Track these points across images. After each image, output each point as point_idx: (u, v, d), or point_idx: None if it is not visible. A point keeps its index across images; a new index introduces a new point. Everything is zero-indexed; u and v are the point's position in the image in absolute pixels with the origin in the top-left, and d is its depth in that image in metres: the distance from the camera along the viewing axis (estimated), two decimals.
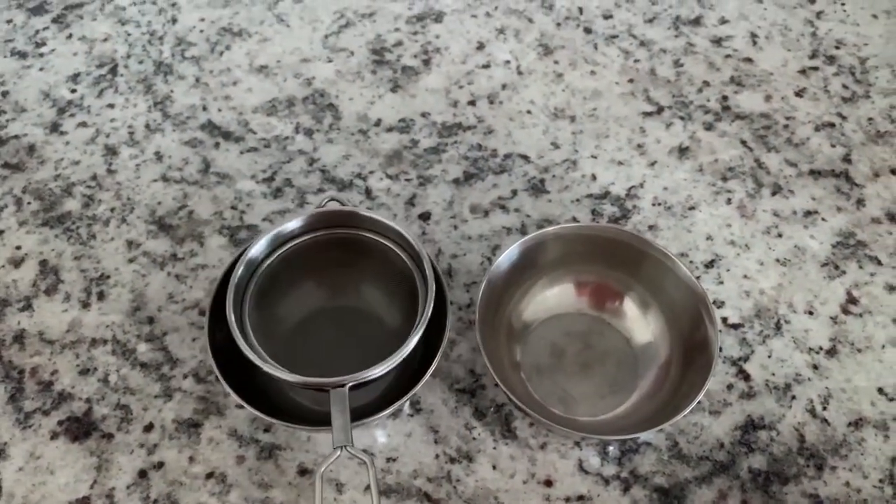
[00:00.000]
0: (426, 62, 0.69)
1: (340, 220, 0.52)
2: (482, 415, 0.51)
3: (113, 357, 0.54)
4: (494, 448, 0.50)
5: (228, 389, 0.46)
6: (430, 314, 0.47)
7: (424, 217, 0.60)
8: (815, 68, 0.69)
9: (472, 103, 0.67)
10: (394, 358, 0.45)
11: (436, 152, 0.63)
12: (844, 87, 0.68)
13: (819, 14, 0.73)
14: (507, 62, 0.70)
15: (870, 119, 0.65)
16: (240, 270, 0.48)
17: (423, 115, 0.66)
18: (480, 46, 0.71)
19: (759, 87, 0.68)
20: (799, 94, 0.67)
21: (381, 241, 0.52)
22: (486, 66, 0.69)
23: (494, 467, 0.49)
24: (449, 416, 0.51)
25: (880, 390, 0.52)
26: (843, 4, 0.74)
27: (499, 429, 0.51)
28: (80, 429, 0.51)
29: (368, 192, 0.61)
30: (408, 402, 0.52)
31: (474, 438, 0.50)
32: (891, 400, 0.52)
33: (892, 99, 0.67)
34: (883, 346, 0.54)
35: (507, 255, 0.52)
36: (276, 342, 0.50)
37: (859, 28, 0.72)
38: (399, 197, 0.61)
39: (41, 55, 0.71)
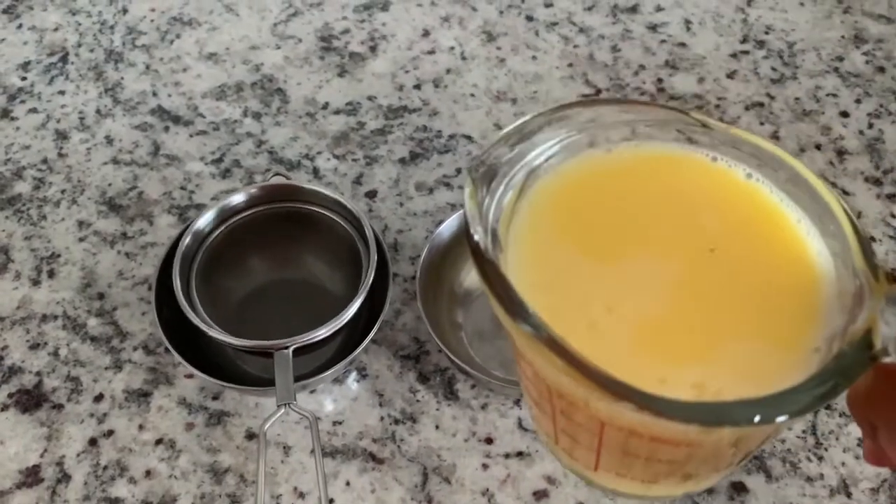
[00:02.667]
0: (373, 49, 0.71)
1: (285, 194, 0.54)
2: (426, 379, 0.53)
3: (63, 332, 0.54)
4: (437, 409, 0.52)
5: (178, 357, 0.47)
6: (372, 278, 0.49)
7: (371, 195, 0.62)
8: (746, 52, 0.72)
9: (417, 87, 0.69)
10: (336, 321, 0.47)
11: (382, 133, 0.65)
12: (773, 69, 0.71)
13: (750, 2, 0.77)
14: (452, 48, 0.72)
15: (797, 98, 0.69)
16: (186, 240, 0.50)
17: (370, 98, 0.68)
18: (426, 34, 0.73)
19: (692, 70, 0.71)
20: (730, 76, 0.70)
21: (325, 213, 0.53)
22: (432, 52, 0.71)
23: (437, 427, 0.51)
24: (394, 381, 0.53)
25: None
26: None
27: (442, 391, 0.52)
28: (30, 401, 0.52)
29: (316, 172, 0.62)
30: (355, 370, 0.53)
31: (418, 401, 0.52)
32: None
33: (817, 80, 0.70)
34: None
35: (448, 226, 0.54)
36: (224, 313, 0.52)
37: (787, 15, 0.75)
38: (346, 176, 0.63)
39: None
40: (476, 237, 0.24)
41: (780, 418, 0.20)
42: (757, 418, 0.20)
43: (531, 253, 0.27)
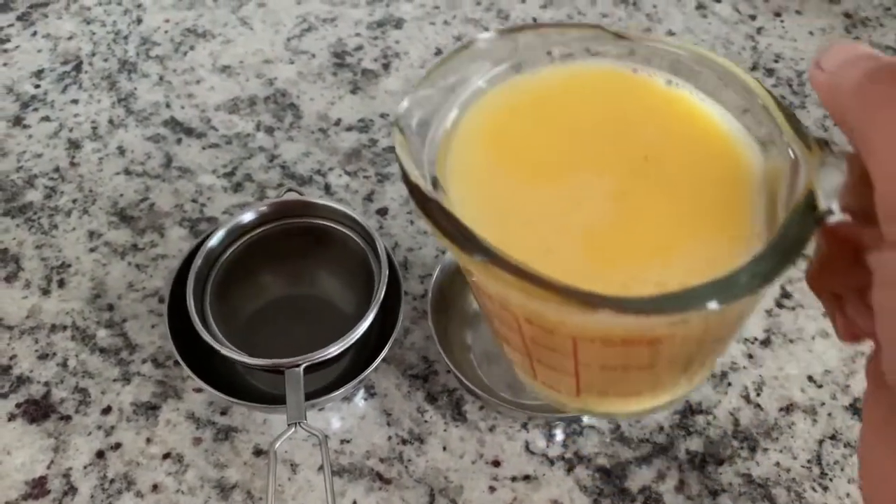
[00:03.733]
0: (386, 66, 0.72)
1: (298, 209, 0.54)
2: (434, 399, 0.53)
3: (72, 342, 0.55)
4: (445, 430, 0.52)
5: (188, 371, 0.47)
6: (383, 295, 0.49)
7: (382, 212, 0.62)
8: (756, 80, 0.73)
9: None
10: (346, 339, 0.47)
11: (393, 151, 0.65)
12: (782, 97, 0.72)
13: (759, 30, 0.77)
14: None
15: (805, 127, 0.69)
16: (199, 260, 0.50)
17: (382, 115, 0.68)
18: (438, 52, 0.73)
19: None
20: None
21: (338, 228, 0.54)
22: None
23: (445, 448, 0.51)
24: (402, 400, 0.53)
25: (810, 378, 0.55)
26: (781, 22, 0.78)
27: (450, 412, 0.53)
28: (37, 411, 0.52)
29: (328, 188, 0.63)
30: (363, 388, 0.53)
31: (426, 421, 0.52)
32: (819, 387, 0.55)
33: (825, 109, 0.71)
34: (813, 337, 0.57)
35: None
36: (236, 330, 0.52)
37: (797, 44, 0.76)
38: (357, 193, 0.63)
39: (5, 51, 0.72)
40: (413, 180, 0.24)
41: (737, 296, 0.21)
42: (713, 303, 0.21)
43: (471, 188, 0.27)
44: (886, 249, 0.19)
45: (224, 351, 0.47)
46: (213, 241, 0.51)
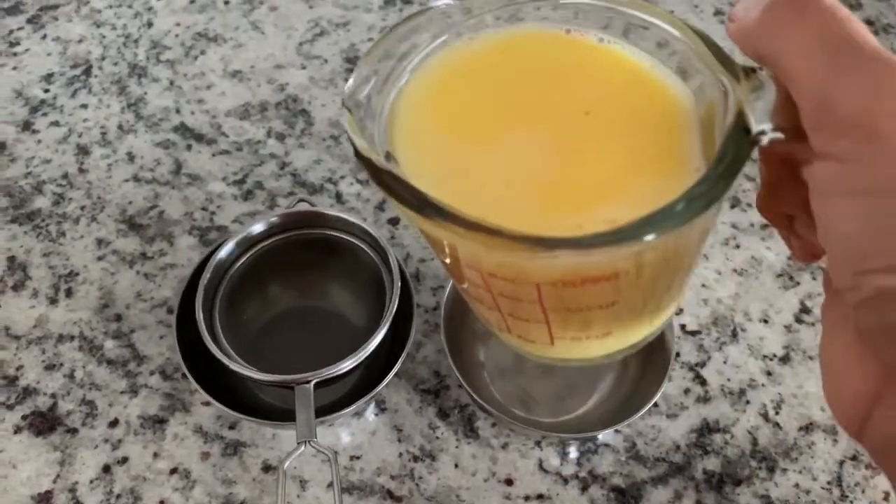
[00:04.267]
0: None
1: (309, 220, 0.53)
2: (446, 415, 0.52)
3: (79, 353, 0.54)
4: (457, 447, 0.51)
5: (196, 385, 0.47)
6: (395, 309, 0.48)
7: (393, 222, 0.61)
8: None
9: None
10: (357, 355, 0.46)
11: None
12: None
13: None
14: None
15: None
16: (209, 272, 0.49)
17: None
18: None
19: None
20: None
21: (350, 239, 0.53)
22: None
23: (457, 466, 0.50)
24: (413, 416, 0.52)
25: None
26: None
27: (462, 428, 0.52)
28: (44, 423, 0.51)
29: (339, 197, 0.62)
30: (373, 403, 0.52)
31: (437, 437, 0.51)
32: None
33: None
34: None
35: None
36: (245, 343, 0.51)
37: None
38: (369, 202, 0.62)
39: (15, 54, 0.71)
40: (365, 153, 0.25)
41: (687, 218, 0.22)
42: (657, 231, 0.22)
43: (420, 153, 0.28)
44: (816, 160, 0.21)
45: (233, 366, 0.46)
46: (223, 253, 0.51)
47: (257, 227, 0.52)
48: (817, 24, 0.20)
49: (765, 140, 0.22)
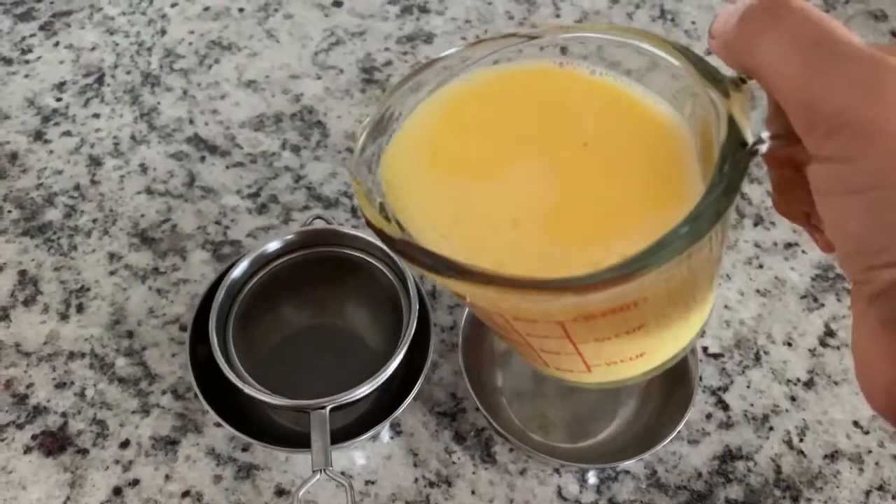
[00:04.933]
0: None
1: (325, 238, 0.52)
2: (462, 439, 0.51)
3: (90, 371, 0.53)
4: (474, 473, 0.50)
5: (208, 408, 0.46)
6: (412, 334, 0.47)
7: None
8: None
9: None
10: (375, 380, 0.45)
11: None
12: None
13: None
14: None
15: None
16: (223, 292, 0.48)
17: None
18: None
19: None
20: None
21: (366, 258, 0.52)
22: None
23: (473, 492, 0.49)
24: (429, 440, 0.51)
25: (856, 423, 0.53)
26: None
27: (479, 453, 0.50)
28: (54, 443, 0.50)
29: (354, 211, 0.61)
30: (388, 425, 0.51)
31: (454, 462, 0.50)
32: (866, 433, 0.52)
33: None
34: None
35: None
36: (259, 363, 0.50)
37: None
38: None
39: (27, 62, 0.70)
40: (377, 224, 0.25)
41: (694, 239, 0.22)
42: (666, 256, 0.22)
43: (422, 201, 0.27)
44: (813, 162, 0.21)
45: (248, 390, 0.45)
46: (237, 271, 0.50)
47: (272, 245, 0.51)
48: (792, 29, 0.20)
49: (763, 149, 0.22)
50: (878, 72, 0.19)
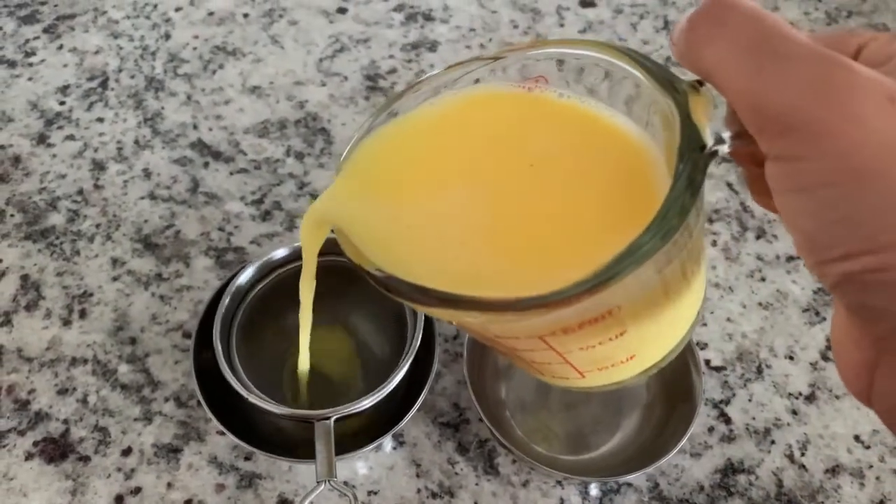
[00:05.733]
0: None
1: (330, 247, 0.52)
2: (465, 450, 0.51)
3: (93, 377, 0.53)
4: (477, 484, 0.50)
5: (211, 416, 0.46)
6: (418, 345, 0.47)
7: None
8: None
9: None
10: (380, 391, 0.45)
11: None
12: None
13: None
14: None
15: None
16: (227, 299, 0.48)
17: None
18: (476, 80, 0.71)
19: None
20: None
21: None
22: None
23: (476, 503, 0.49)
24: (432, 450, 0.51)
25: (857, 437, 0.53)
26: None
27: (482, 464, 0.50)
28: (56, 450, 0.50)
29: None
30: (391, 436, 0.51)
31: (457, 473, 0.50)
32: (867, 448, 0.52)
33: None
34: None
35: None
36: (263, 371, 0.50)
37: None
38: None
39: (30, 65, 0.70)
40: (366, 268, 0.26)
41: (658, 242, 0.22)
42: (630, 265, 0.22)
43: (381, 232, 0.28)
44: (767, 160, 0.21)
45: (252, 399, 0.45)
46: (242, 279, 0.49)
47: (279, 253, 0.50)
48: (733, 32, 0.21)
49: (725, 149, 0.22)
50: (824, 70, 0.19)
